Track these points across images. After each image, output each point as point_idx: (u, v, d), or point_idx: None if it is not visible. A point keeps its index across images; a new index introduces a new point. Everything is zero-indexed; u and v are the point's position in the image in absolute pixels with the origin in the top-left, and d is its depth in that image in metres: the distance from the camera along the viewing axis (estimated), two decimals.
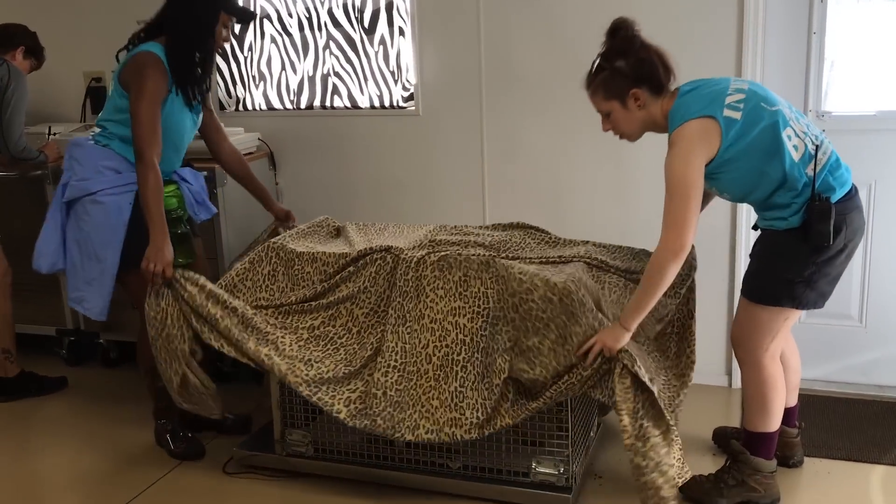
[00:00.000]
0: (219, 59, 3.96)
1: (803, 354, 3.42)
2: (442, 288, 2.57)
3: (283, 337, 2.65)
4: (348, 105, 3.88)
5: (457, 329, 2.54)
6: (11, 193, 3.83)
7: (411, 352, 2.57)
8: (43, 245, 2.91)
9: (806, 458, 2.86)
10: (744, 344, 2.54)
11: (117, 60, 2.90)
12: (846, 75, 3.24)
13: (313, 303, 2.70)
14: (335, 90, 3.88)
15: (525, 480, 2.61)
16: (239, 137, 3.72)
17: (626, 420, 2.28)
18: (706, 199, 2.58)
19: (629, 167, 3.45)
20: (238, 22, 2.98)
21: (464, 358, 2.53)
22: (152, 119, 2.70)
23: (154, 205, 2.67)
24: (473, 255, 2.58)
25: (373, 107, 3.84)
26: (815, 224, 2.31)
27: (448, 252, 2.62)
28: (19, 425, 3.40)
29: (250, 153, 3.78)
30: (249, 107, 4.01)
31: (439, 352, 2.55)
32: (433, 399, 2.54)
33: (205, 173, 3.41)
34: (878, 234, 3.29)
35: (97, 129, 2.93)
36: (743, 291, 2.53)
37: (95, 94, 4.14)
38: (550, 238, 2.95)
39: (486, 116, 3.62)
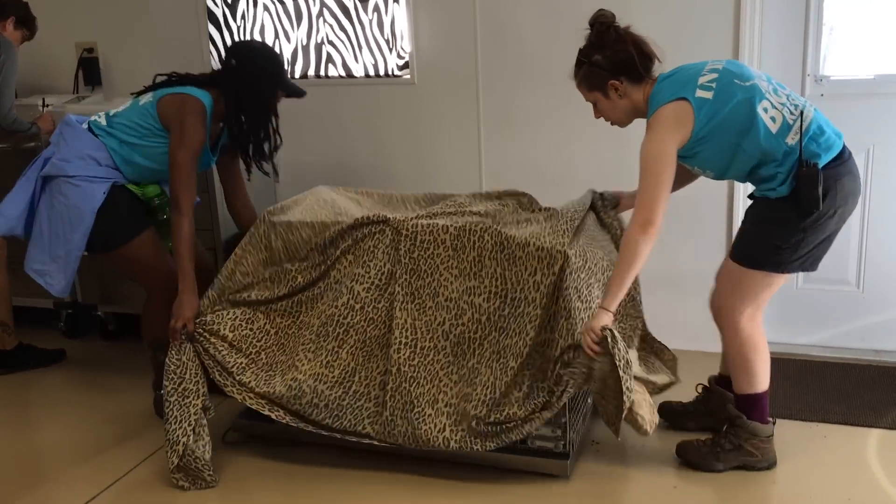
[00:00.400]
0: (211, 28, 3.92)
1: (801, 320, 3.45)
2: (456, 267, 2.56)
3: (302, 363, 2.65)
4: (343, 74, 3.85)
5: (473, 308, 2.54)
6: (5, 166, 3.80)
7: (424, 328, 2.57)
8: (7, 208, 2.90)
9: (802, 423, 2.88)
10: (722, 307, 2.56)
11: (154, 81, 2.92)
12: (845, 40, 3.21)
13: (321, 283, 2.68)
14: (329, 59, 3.85)
15: (523, 447, 2.62)
16: None
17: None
18: (687, 179, 2.65)
19: (628, 135, 3.42)
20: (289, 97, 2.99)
21: (480, 336, 2.54)
22: (191, 168, 2.75)
23: (186, 255, 2.71)
24: (486, 230, 2.55)
25: (368, 76, 3.81)
26: (803, 190, 2.33)
27: (459, 227, 2.58)
28: (18, 398, 3.42)
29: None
30: None
31: (455, 329, 2.56)
32: (452, 374, 2.56)
33: None
34: (875, 198, 3.28)
35: (101, 119, 2.91)
36: (731, 253, 2.54)
37: (88, 65, 4.11)
38: (540, 207, 2.94)
39: (482, 84, 3.59)
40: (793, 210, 2.37)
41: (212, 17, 3.92)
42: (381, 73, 3.79)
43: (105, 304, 3.88)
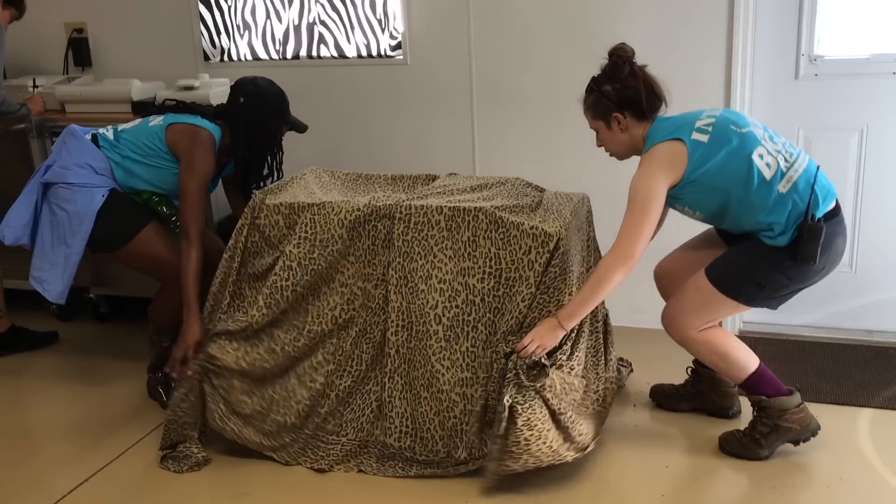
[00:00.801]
0: (202, 9, 3.89)
1: (793, 300, 3.41)
2: (451, 248, 2.54)
3: (321, 364, 2.65)
4: (335, 55, 3.82)
5: (467, 290, 2.53)
6: None
7: (417, 312, 2.56)
8: (12, 217, 2.96)
9: None
10: (676, 322, 2.56)
11: (164, 103, 3.06)
12: (840, 19, 3.20)
13: (325, 289, 2.63)
14: (322, 39, 3.82)
15: None
16: (224, 89, 3.66)
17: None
18: (657, 228, 2.66)
19: None
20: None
21: (474, 318, 2.52)
22: (201, 198, 2.86)
23: (192, 283, 2.77)
24: (480, 209, 2.53)
25: (360, 56, 3.79)
26: (805, 242, 2.37)
27: (453, 206, 2.55)
28: (11, 380, 3.40)
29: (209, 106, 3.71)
30: (234, 57, 3.95)
31: (449, 312, 2.53)
32: (444, 360, 2.54)
33: None
34: (869, 179, 3.28)
35: (108, 133, 2.98)
36: (707, 270, 2.52)
37: (77, 46, 4.08)
38: (529, 183, 2.93)
39: (475, 65, 3.57)
40: (787, 257, 2.41)
41: None
42: (374, 53, 3.76)
43: (97, 287, 3.87)
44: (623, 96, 2.48)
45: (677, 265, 2.74)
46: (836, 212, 2.47)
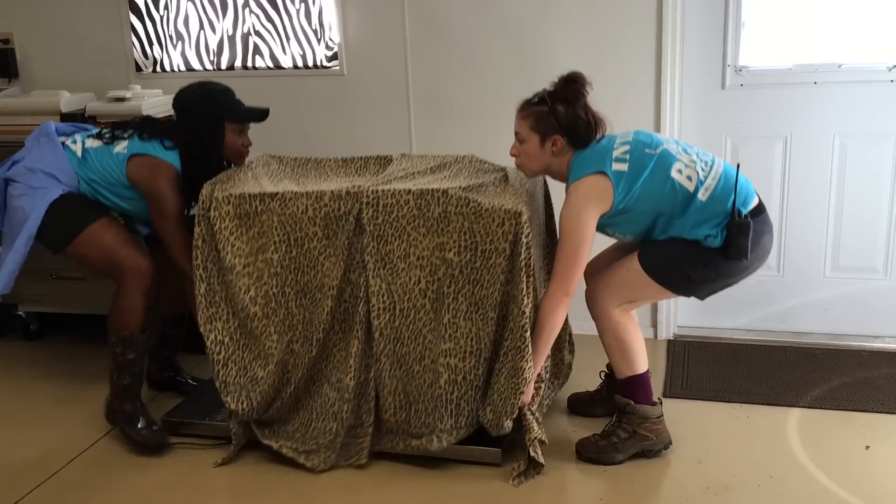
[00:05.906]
0: (133, 19, 3.83)
1: (724, 304, 3.53)
2: (423, 226, 2.55)
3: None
4: (271, 65, 3.80)
5: (445, 264, 2.54)
6: None
7: (400, 291, 2.58)
8: None
9: (727, 404, 2.97)
10: (601, 295, 2.59)
11: (133, 121, 2.94)
12: (763, 31, 3.30)
13: (317, 295, 2.65)
14: (257, 50, 3.79)
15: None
16: (157, 100, 3.62)
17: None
18: None
19: None
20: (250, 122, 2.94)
21: (454, 290, 2.55)
22: (181, 234, 2.76)
23: None
24: (448, 189, 2.55)
25: (296, 67, 3.77)
26: (734, 240, 2.44)
27: (420, 188, 2.57)
28: None
29: (170, 116, 3.66)
30: (167, 68, 3.89)
31: (432, 286, 2.57)
32: (433, 331, 2.58)
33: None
34: (793, 185, 3.39)
35: (76, 148, 2.84)
36: (640, 255, 2.56)
37: (3, 57, 3.97)
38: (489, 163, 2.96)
39: (412, 75, 3.58)
40: (719, 255, 2.47)
41: (133, 7, 3.82)
42: (310, 64, 3.75)
43: (26, 304, 3.75)
44: (571, 122, 2.49)
45: (604, 263, 2.76)
46: (760, 209, 2.54)
